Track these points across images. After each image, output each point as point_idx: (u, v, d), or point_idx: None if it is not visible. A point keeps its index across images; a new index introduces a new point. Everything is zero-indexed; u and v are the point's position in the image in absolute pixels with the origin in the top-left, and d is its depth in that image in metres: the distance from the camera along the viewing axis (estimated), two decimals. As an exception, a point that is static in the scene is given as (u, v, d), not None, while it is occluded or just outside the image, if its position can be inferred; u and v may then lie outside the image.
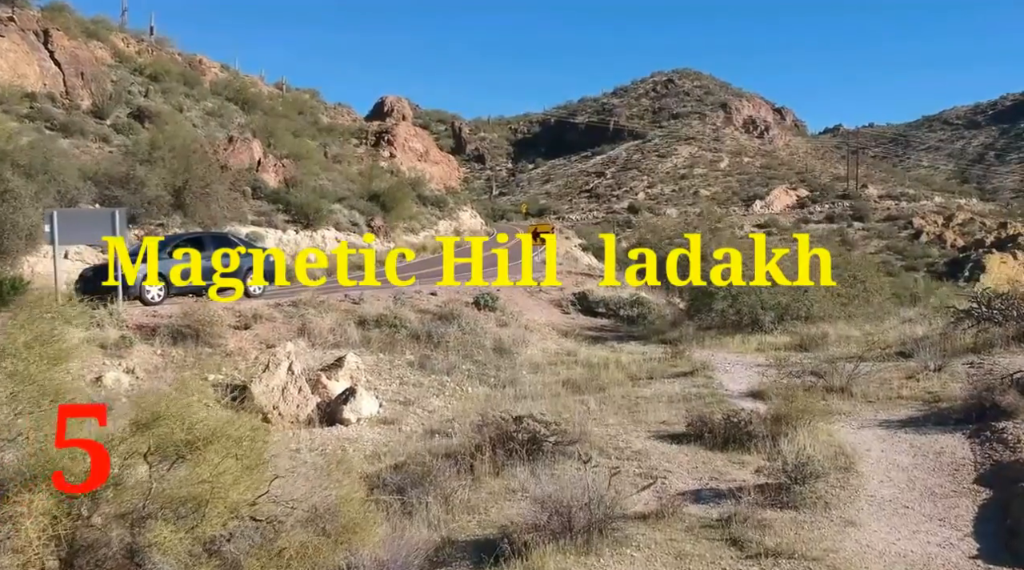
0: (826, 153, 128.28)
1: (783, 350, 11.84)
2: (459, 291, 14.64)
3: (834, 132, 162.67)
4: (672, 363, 11.11)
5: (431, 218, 46.42)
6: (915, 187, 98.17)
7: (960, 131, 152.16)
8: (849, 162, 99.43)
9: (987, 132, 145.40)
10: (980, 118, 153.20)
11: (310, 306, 11.55)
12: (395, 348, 10.87)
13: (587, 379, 10.30)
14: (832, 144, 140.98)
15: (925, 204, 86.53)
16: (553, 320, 14.68)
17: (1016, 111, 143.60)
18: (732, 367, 10.81)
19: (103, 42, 41.82)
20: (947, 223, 77.71)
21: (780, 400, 7.58)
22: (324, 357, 10.02)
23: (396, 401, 9.40)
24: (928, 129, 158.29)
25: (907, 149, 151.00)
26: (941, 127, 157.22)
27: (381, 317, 11.16)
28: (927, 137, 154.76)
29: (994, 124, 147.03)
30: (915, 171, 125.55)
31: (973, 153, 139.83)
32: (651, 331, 13.88)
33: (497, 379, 10.51)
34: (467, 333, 11.82)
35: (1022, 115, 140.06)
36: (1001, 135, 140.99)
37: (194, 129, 34.70)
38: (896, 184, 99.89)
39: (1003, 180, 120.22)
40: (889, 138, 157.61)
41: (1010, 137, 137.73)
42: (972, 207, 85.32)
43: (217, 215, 23.70)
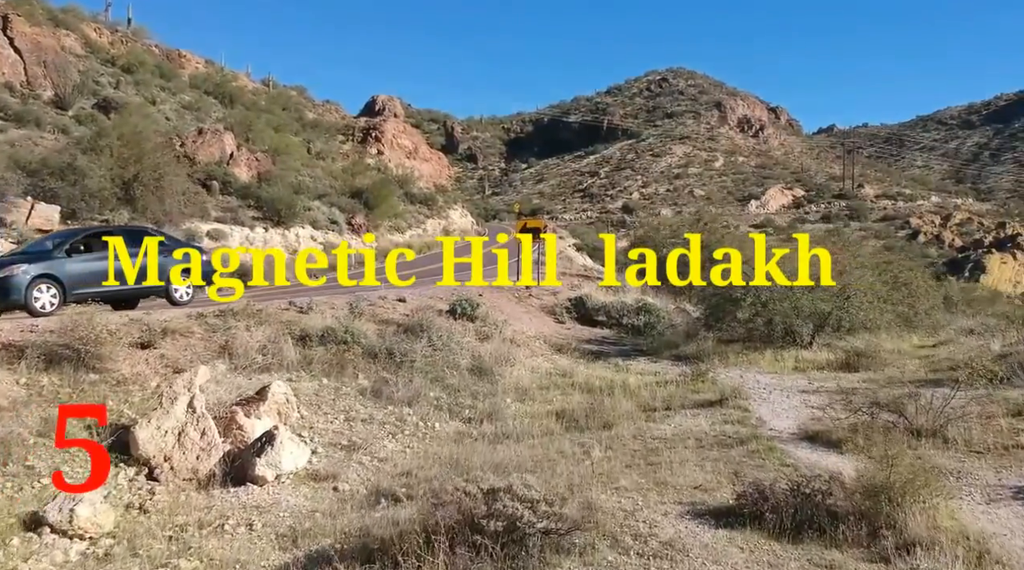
0: (821, 153, 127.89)
1: (826, 369, 9.65)
2: (433, 296, 12.34)
3: (828, 132, 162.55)
4: (693, 387, 8.89)
5: (418, 217, 44.65)
6: (911, 187, 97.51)
7: (954, 131, 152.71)
8: (845, 162, 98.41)
9: (981, 132, 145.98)
10: (974, 118, 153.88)
11: (243, 316, 9.24)
12: (344, 371, 8.57)
13: (588, 410, 8.06)
14: (827, 144, 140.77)
15: (922, 204, 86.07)
16: (545, 331, 12.41)
17: (1011, 111, 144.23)
18: (769, 394, 8.59)
19: (73, 31, 40.57)
20: (945, 223, 77.30)
21: (864, 455, 5.35)
22: (248, 385, 7.72)
23: (337, 445, 7.11)
24: (922, 129, 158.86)
25: (902, 149, 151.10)
26: (935, 127, 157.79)
27: (328, 331, 8.86)
28: (921, 137, 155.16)
29: (988, 124, 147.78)
30: (910, 171, 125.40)
31: (968, 153, 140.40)
32: (662, 344, 11.63)
33: (473, 410, 8.24)
34: (438, 350, 9.55)
35: (1017, 115, 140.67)
36: (996, 135, 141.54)
37: (166, 121, 32.49)
38: (892, 184, 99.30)
39: (998, 180, 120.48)
40: (883, 138, 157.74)
41: (1005, 137, 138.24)
42: (969, 207, 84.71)
43: (173, 210, 21.31)
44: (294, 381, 8.12)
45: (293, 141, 40.48)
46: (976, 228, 74.63)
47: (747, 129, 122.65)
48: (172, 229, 21.06)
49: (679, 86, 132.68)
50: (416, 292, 12.65)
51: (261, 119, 39.36)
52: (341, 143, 59.80)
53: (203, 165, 29.01)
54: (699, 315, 12.33)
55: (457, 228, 50.33)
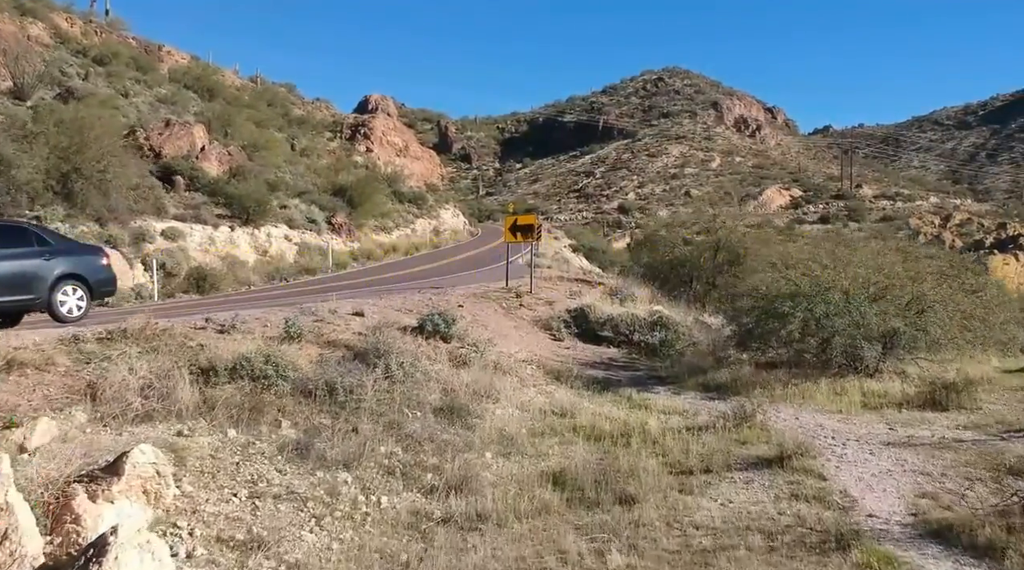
0: (818, 153, 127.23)
1: (905, 407, 7.37)
2: (401, 307, 9.98)
3: (824, 132, 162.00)
4: (738, 436, 6.61)
5: (407, 216, 42.57)
6: (910, 187, 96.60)
7: (951, 131, 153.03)
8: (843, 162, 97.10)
9: (978, 132, 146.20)
10: (971, 118, 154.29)
11: (135, 340, 6.88)
12: (261, 417, 6.22)
13: (597, 471, 5.78)
14: (823, 144, 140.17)
15: (921, 204, 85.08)
16: (539, 351, 10.04)
17: (1007, 112, 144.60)
18: (843, 446, 6.31)
19: (41, 20, 38.78)
20: (945, 224, 76.62)
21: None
22: (114, 445, 5.38)
23: (228, 542, 4.76)
24: (919, 129, 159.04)
25: (898, 149, 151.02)
26: (932, 127, 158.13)
27: (243, 361, 6.50)
28: (918, 137, 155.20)
29: (985, 125, 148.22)
30: (907, 171, 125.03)
31: (964, 153, 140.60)
32: (684, 369, 9.30)
33: (438, 474, 5.91)
34: (398, 382, 7.22)
35: (1013, 115, 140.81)
36: (992, 135, 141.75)
37: (137, 114, 30.11)
38: (891, 184, 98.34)
39: (995, 180, 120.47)
40: (880, 138, 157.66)
41: (1001, 138, 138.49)
42: (969, 207, 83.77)
43: (119, 207, 18.84)
44: (185, 435, 5.76)
45: (275, 137, 38.52)
46: (976, 229, 73.85)
47: (744, 129, 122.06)
48: (117, 228, 18.73)
49: (675, 85, 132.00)
50: (381, 303, 10.29)
51: (242, 114, 37.21)
52: (328, 140, 57.77)
53: (169, 158, 26.70)
54: (729, 332, 9.95)
55: (448, 228, 48.28)
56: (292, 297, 13.27)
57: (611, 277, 21.12)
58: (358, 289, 15.08)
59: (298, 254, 26.66)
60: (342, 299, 10.30)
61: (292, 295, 14.51)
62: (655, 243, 17.51)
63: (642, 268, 17.19)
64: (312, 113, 70.61)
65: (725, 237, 14.92)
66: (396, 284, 16.41)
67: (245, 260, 22.97)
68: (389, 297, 10.94)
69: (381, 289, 14.10)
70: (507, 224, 13.37)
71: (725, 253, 14.87)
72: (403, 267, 26.00)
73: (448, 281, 16.09)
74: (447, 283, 14.69)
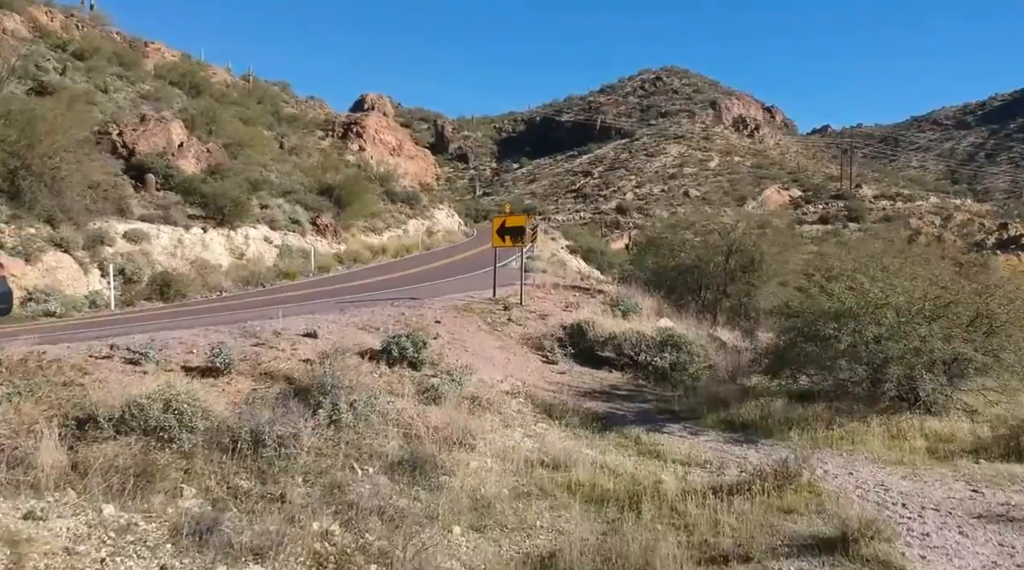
0: (817, 153, 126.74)
1: (983, 456, 5.86)
2: (365, 324, 8.43)
3: (822, 132, 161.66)
4: (780, 501, 5.09)
5: (399, 217, 41.16)
6: (909, 187, 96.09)
7: (949, 131, 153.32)
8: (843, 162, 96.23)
9: (977, 133, 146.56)
10: (969, 118, 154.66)
11: (9, 375, 5.34)
12: (156, 484, 4.69)
13: (599, 556, 4.27)
14: (822, 144, 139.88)
15: (921, 204, 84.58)
16: (528, 377, 8.47)
17: (1005, 111, 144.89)
18: (920, 518, 4.80)
19: (18, 13, 37.39)
20: (945, 224, 76.55)
21: None
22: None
23: None
24: (917, 130, 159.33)
25: (897, 149, 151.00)
26: (930, 127, 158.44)
27: (132, 409, 4.96)
28: (916, 137, 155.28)
29: (984, 125, 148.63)
30: (906, 171, 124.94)
31: (963, 153, 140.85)
32: (702, 400, 7.73)
33: (386, 564, 4.37)
34: (345, 428, 5.69)
35: (1011, 116, 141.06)
36: (991, 135, 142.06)
37: (117, 109, 28.60)
38: (890, 184, 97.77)
39: (994, 180, 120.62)
40: (879, 138, 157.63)
41: (1000, 138, 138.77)
42: (969, 208, 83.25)
43: (74, 207, 17.25)
44: (37, 518, 4.21)
45: (262, 134, 37.04)
46: (977, 229, 73.55)
47: (743, 129, 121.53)
48: (71, 229, 17.17)
49: (673, 85, 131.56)
50: (343, 319, 8.74)
51: (228, 111, 35.77)
52: (320, 139, 56.28)
53: (143, 156, 25.17)
54: (753, 355, 8.39)
55: (442, 229, 46.85)
56: (257, 308, 11.75)
57: (611, 282, 19.60)
58: (332, 297, 13.55)
59: (278, 257, 25.12)
60: (298, 314, 8.75)
61: (258, 305, 12.97)
62: (659, 246, 15.97)
63: (645, 273, 15.71)
64: (305, 111, 69.31)
65: (738, 240, 13.42)
66: (377, 292, 14.87)
67: (218, 264, 21.41)
68: (355, 311, 9.38)
69: (356, 298, 12.56)
70: (495, 226, 11.78)
71: (738, 257, 13.38)
72: (390, 271, 24.47)
73: (433, 288, 14.59)
74: (429, 292, 13.14)
